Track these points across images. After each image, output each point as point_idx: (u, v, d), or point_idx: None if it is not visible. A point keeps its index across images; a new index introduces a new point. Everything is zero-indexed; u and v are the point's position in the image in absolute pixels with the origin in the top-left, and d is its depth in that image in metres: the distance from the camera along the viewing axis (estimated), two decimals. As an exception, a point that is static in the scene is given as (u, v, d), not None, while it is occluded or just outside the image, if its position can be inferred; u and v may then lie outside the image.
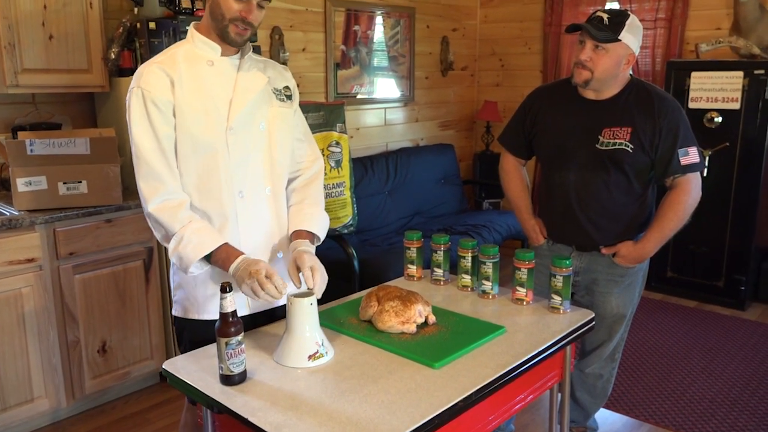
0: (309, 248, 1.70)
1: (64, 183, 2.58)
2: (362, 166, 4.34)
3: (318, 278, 1.60)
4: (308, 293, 1.57)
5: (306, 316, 1.54)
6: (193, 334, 1.74)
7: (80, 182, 2.60)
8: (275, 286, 1.55)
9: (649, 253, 2.14)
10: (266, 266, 1.58)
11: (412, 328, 1.69)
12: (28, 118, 2.95)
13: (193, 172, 1.63)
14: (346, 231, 3.59)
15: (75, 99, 3.09)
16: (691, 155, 2.06)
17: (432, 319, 1.75)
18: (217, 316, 1.43)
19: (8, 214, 2.53)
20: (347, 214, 3.57)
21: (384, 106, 4.78)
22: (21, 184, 2.52)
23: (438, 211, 4.81)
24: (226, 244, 1.62)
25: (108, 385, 2.82)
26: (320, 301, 1.61)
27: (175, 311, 1.78)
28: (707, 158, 3.95)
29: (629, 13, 2.02)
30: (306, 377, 1.49)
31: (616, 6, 4.60)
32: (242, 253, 1.61)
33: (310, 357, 1.54)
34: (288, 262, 1.70)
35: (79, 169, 2.59)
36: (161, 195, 1.59)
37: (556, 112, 2.18)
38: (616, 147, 2.06)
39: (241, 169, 1.67)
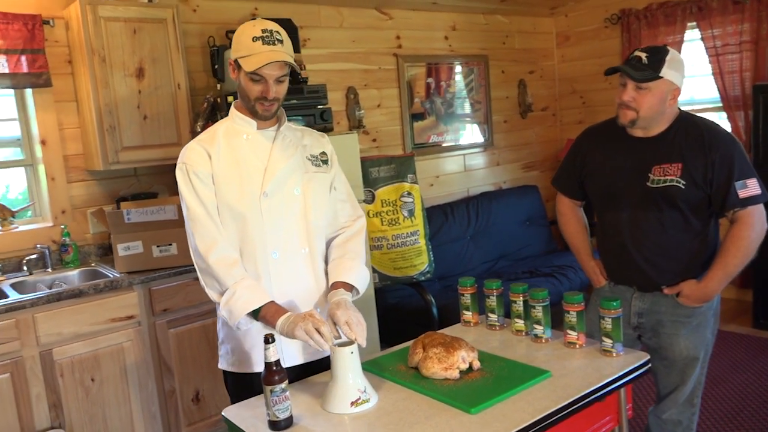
0: (343, 297, 1.78)
1: (157, 246, 2.87)
2: (442, 213, 4.43)
3: (356, 329, 1.68)
4: (350, 342, 1.66)
5: (348, 363, 1.63)
6: (240, 386, 1.86)
7: (171, 244, 2.88)
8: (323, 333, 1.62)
9: (714, 291, 2.05)
10: (318, 314, 1.69)
11: (455, 373, 1.73)
12: (130, 189, 3.31)
13: (233, 235, 1.79)
14: (423, 278, 3.67)
15: (170, 169, 3.38)
16: (750, 187, 1.98)
17: (477, 364, 1.78)
18: (259, 369, 1.55)
19: (111, 276, 2.85)
20: (423, 262, 3.66)
21: (463, 152, 4.87)
22: (121, 249, 2.83)
23: (524, 254, 4.77)
24: (273, 301, 1.74)
25: (201, 432, 3.04)
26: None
27: (221, 365, 1.92)
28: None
29: (668, 48, 2.01)
30: (348, 423, 1.57)
31: (696, 33, 4.47)
32: (286, 311, 1.72)
33: (352, 403, 1.62)
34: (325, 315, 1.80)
35: (169, 233, 2.88)
36: (218, 250, 1.75)
37: (605, 152, 2.18)
38: (668, 184, 2.02)
39: (275, 231, 1.80)
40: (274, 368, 1.54)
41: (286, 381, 1.55)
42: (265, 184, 1.79)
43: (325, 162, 1.94)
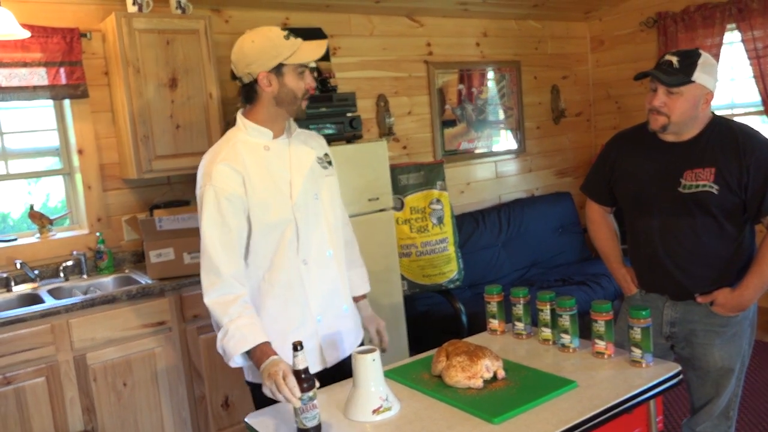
0: (371, 311, 2.10)
1: (189, 253, 2.91)
2: (473, 220, 4.39)
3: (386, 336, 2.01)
4: (372, 349, 1.66)
5: (369, 371, 1.62)
6: (262, 396, 1.83)
7: (201, 252, 2.92)
8: (289, 388, 1.52)
9: (749, 300, 1.99)
10: (285, 368, 1.58)
11: (479, 383, 1.71)
12: (164, 197, 3.37)
13: (266, 249, 1.81)
14: (452, 286, 3.64)
15: (202, 177, 3.48)
16: (787, 193, 1.91)
17: (501, 374, 1.75)
18: None
19: (143, 282, 2.90)
20: (452, 269, 3.63)
21: (494, 159, 4.83)
22: (153, 256, 2.88)
23: (556, 261, 4.70)
24: (265, 343, 1.68)
25: (231, 438, 3.06)
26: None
27: (246, 376, 1.94)
28: None
29: (700, 51, 1.96)
30: (370, 431, 1.57)
31: (736, 35, 4.35)
32: (274, 354, 1.67)
33: (374, 411, 1.61)
34: (363, 320, 2.08)
35: (200, 241, 2.91)
36: (217, 289, 1.72)
37: (635, 158, 2.13)
38: (700, 189, 1.97)
39: (306, 238, 1.84)
40: (303, 376, 1.53)
41: (315, 389, 1.54)
42: (294, 195, 1.82)
43: (330, 163, 1.98)
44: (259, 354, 1.68)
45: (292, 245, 1.82)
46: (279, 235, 1.80)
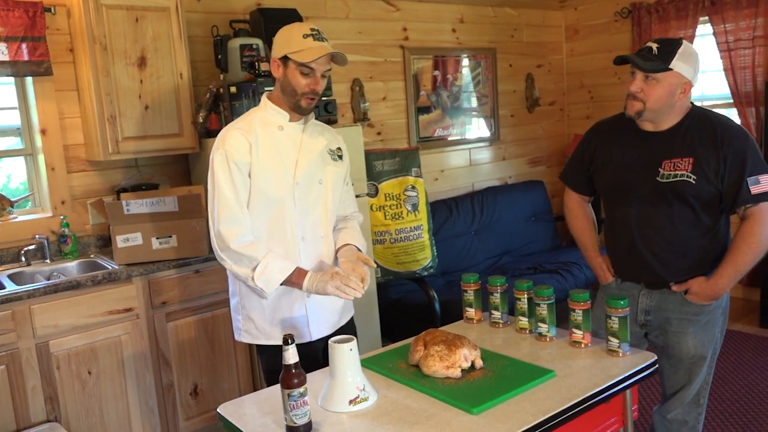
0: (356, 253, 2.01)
1: (157, 238, 2.83)
2: (446, 207, 4.38)
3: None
4: (349, 339, 1.62)
5: (346, 360, 1.59)
6: (269, 359, 2.01)
7: (171, 237, 2.84)
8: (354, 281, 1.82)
9: (723, 289, 2.00)
10: (334, 270, 1.86)
11: (457, 372, 1.69)
12: (131, 181, 3.27)
13: (265, 219, 1.94)
14: (426, 273, 3.62)
15: (172, 160, 3.39)
16: (762, 183, 1.92)
17: (479, 363, 1.74)
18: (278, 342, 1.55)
19: (110, 268, 2.81)
20: (426, 257, 3.61)
21: (468, 146, 4.82)
22: (120, 241, 2.79)
23: (528, 250, 4.72)
24: (298, 267, 1.91)
25: (200, 426, 3.00)
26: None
27: (243, 338, 2.07)
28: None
29: (682, 40, 1.95)
30: (347, 422, 1.54)
31: (709, 28, 4.39)
32: (309, 271, 1.90)
33: (351, 401, 1.58)
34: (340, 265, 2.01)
35: (169, 225, 2.84)
36: (241, 236, 1.88)
37: (615, 146, 2.13)
38: (678, 179, 1.97)
39: (303, 217, 1.98)
40: (293, 371, 1.47)
41: (305, 385, 1.48)
42: (298, 173, 1.95)
43: (341, 157, 2.11)
44: (296, 274, 1.88)
45: (290, 221, 1.95)
46: (278, 209, 1.93)
